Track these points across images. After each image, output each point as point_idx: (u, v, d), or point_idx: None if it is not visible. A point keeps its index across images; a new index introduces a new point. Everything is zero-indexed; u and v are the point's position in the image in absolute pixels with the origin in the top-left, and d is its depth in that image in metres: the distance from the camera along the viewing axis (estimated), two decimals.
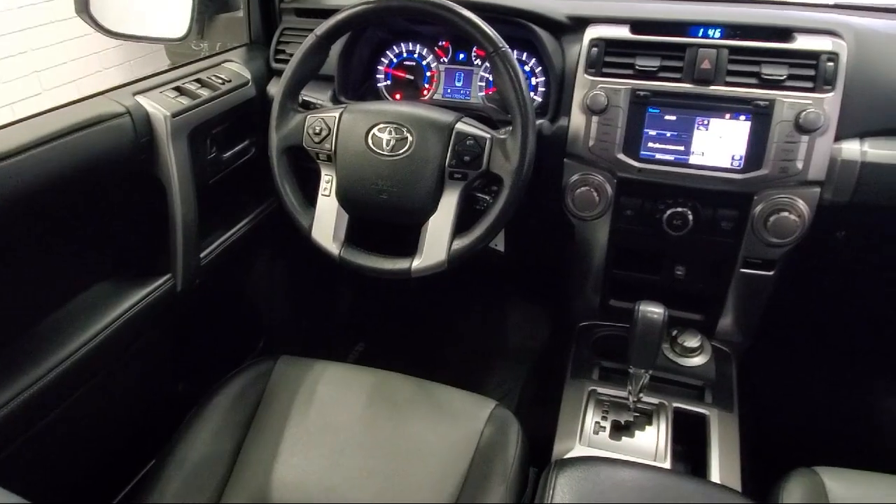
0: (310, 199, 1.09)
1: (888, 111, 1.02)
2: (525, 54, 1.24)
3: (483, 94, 1.29)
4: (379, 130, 1.02)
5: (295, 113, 1.08)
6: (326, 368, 1.11)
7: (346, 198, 1.05)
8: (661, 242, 1.16)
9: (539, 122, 1.10)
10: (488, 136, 0.99)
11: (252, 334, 1.54)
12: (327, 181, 1.06)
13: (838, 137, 1.01)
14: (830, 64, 1.00)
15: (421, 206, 1.01)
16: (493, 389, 1.64)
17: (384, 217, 1.05)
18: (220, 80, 1.23)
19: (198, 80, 1.20)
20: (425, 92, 1.33)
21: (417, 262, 1.01)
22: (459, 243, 1.00)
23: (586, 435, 1.04)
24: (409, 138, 1.01)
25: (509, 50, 0.96)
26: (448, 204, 1.01)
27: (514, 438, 0.97)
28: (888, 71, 1.03)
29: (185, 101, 1.12)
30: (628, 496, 0.72)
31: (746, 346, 1.26)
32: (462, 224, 1.02)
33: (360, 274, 1.05)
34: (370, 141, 1.02)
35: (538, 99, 1.24)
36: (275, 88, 1.27)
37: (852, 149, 1.01)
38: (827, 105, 0.99)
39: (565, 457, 1.02)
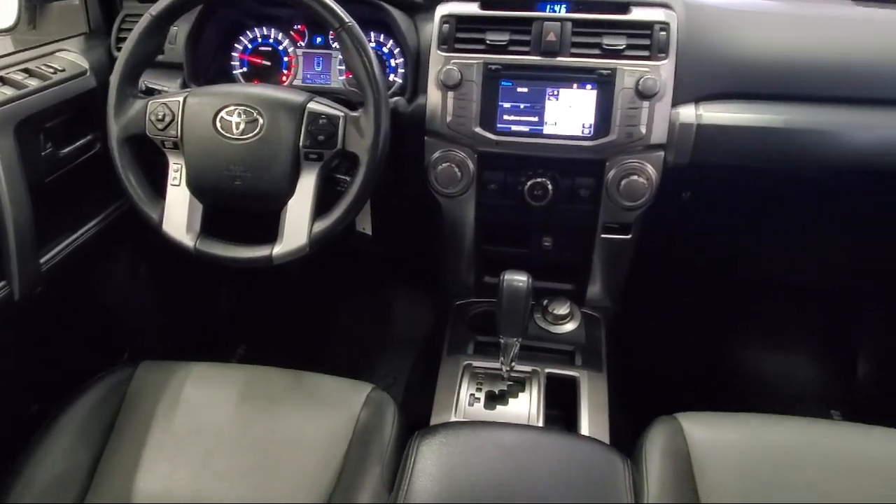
0: (160, 190, 1.02)
1: (717, 77, 1.10)
2: (382, 36, 1.23)
3: (343, 77, 1.27)
4: (227, 114, 0.97)
5: (135, 99, 1.01)
6: (192, 370, 1.05)
7: (197, 186, 1.00)
8: (525, 214, 1.18)
9: (395, 99, 1.10)
10: (341, 114, 0.97)
11: (115, 344, 1.43)
12: (176, 170, 1.00)
13: (675, 103, 1.08)
14: (663, 33, 1.06)
15: (277, 190, 0.98)
16: (381, 378, 1.62)
17: (240, 204, 1.01)
18: (51, 70, 1.13)
19: (25, 70, 1.10)
20: (284, 78, 1.29)
21: (278, 249, 0.98)
22: (320, 226, 0.98)
23: (461, 407, 1.04)
24: (260, 120, 0.97)
25: (356, 25, 0.95)
26: (306, 186, 0.98)
27: (390, 419, 0.96)
28: (715, 40, 1.11)
29: (8, 92, 1.02)
30: (489, 454, 0.73)
31: (615, 311, 1.32)
32: (323, 206, 1.00)
33: (227, 269, 1.00)
34: (218, 125, 0.97)
35: (398, 80, 1.23)
36: None
37: (688, 113, 1.08)
38: (663, 72, 1.05)
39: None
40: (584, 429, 1.02)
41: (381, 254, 1.79)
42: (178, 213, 1.00)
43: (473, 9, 1.11)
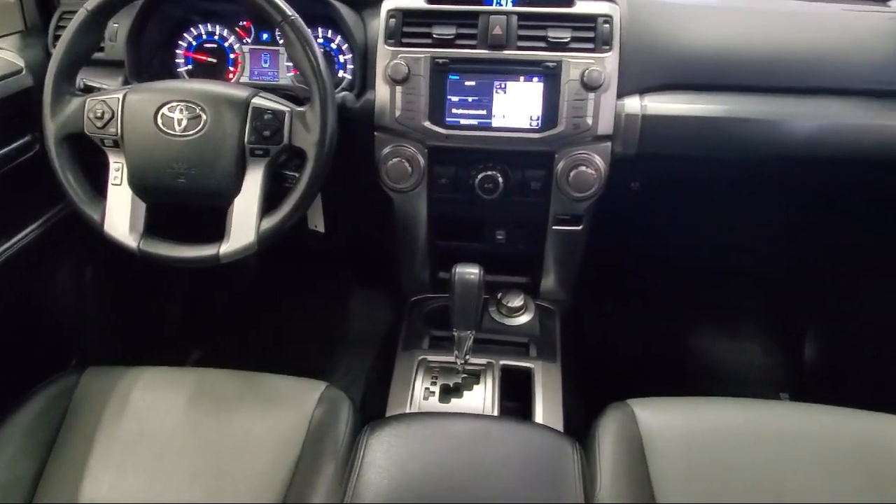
0: (101, 190, 1.00)
1: (661, 69, 1.12)
2: (329, 31, 1.22)
3: (291, 74, 1.26)
4: (169, 110, 0.95)
5: (73, 97, 0.98)
6: (141, 375, 1.02)
7: (139, 185, 0.97)
8: (477, 208, 1.19)
9: (342, 94, 1.09)
10: (287, 109, 0.96)
11: (63, 350, 1.39)
12: (117, 169, 0.98)
13: (621, 94, 1.10)
14: (606, 26, 1.07)
15: (223, 187, 0.96)
16: (339, 377, 1.61)
17: (185, 202, 0.99)
18: None
19: None
20: (231, 75, 1.27)
21: (225, 247, 0.96)
22: (268, 223, 0.96)
23: (416, 401, 1.04)
24: (203, 117, 0.95)
25: (299, 18, 0.93)
26: (252, 183, 0.96)
27: (344, 416, 0.95)
28: (657, 33, 1.13)
29: None
30: (439, 444, 0.72)
31: (569, 302, 1.34)
32: (272, 203, 0.98)
33: (177, 270, 0.98)
34: (160, 122, 0.95)
35: (347, 76, 1.22)
36: None
37: (633, 104, 1.10)
38: (607, 64, 1.07)
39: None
40: (539, 418, 1.03)
41: (337, 252, 1.78)
42: (119, 214, 0.98)
43: (420, 3, 1.11)
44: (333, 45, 1.23)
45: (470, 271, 1.01)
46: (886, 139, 1.11)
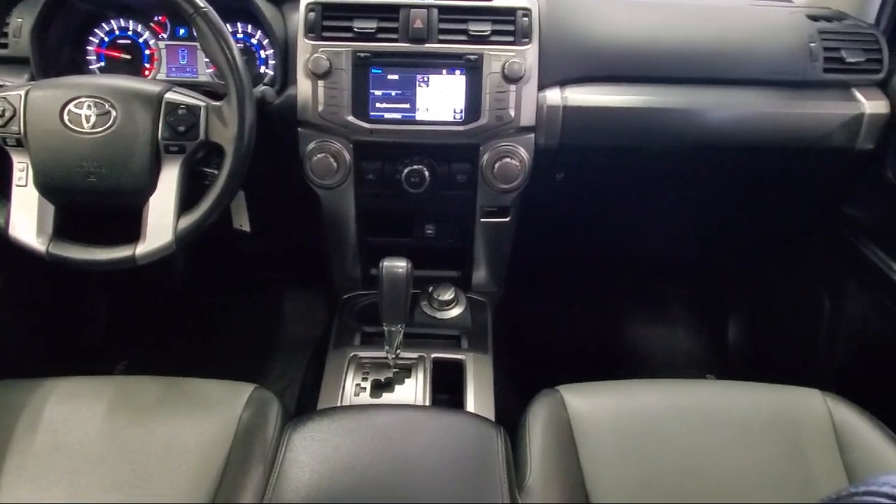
0: (5, 192, 0.95)
1: (580, 61, 1.15)
2: (249, 26, 1.20)
3: (211, 70, 1.22)
4: (76, 106, 0.91)
5: None
6: (57, 386, 0.97)
7: (47, 186, 0.93)
8: (405, 203, 1.19)
9: (262, 88, 1.07)
10: (202, 103, 0.93)
11: None
12: (21, 169, 0.93)
13: (542, 86, 1.12)
14: (525, 19, 1.09)
15: (137, 186, 0.93)
16: (274, 382, 1.58)
17: (97, 202, 0.95)
18: None
19: None
20: (147, 72, 1.23)
21: (142, 248, 0.93)
22: (186, 221, 0.93)
23: (347, 398, 1.03)
24: (113, 113, 0.92)
25: (212, 10, 0.91)
26: (168, 180, 0.93)
27: (273, 416, 0.93)
28: (576, 25, 1.15)
29: None
30: (362, 435, 0.72)
31: (501, 294, 1.35)
32: (190, 202, 0.96)
33: (98, 275, 0.94)
34: (66, 118, 0.91)
35: (269, 72, 1.20)
36: None
37: (554, 96, 1.12)
38: (527, 56, 1.09)
39: None
40: (470, 408, 1.03)
41: (270, 253, 1.74)
42: (25, 216, 0.93)
43: None
44: (254, 41, 1.20)
45: (397, 265, 1.00)
46: (793, 126, 1.17)
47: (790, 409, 0.94)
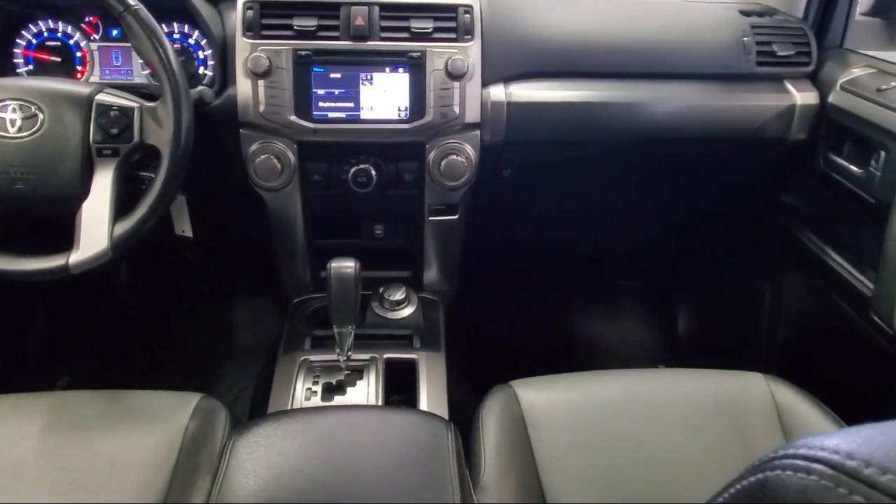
0: None
1: (523, 57, 1.15)
2: (186, 26, 1.16)
3: (147, 71, 1.18)
4: (0, 110, 0.87)
5: None
6: None
7: None
8: (353, 203, 1.17)
9: (199, 88, 1.04)
10: (136, 105, 0.90)
11: None
12: None
13: (486, 83, 1.12)
14: (467, 16, 1.09)
15: (68, 192, 0.89)
16: (225, 392, 1.54)
17: (26, 210, 0.91)
18: None
19: None
20: (79, 75, 1.18)
21: (76, 256, 0.89)
22: (122, 227, 0.90)
23: (297, 402, 1.01)
24: (40, 116, 0.88)
25: (143, 8, 0.88)
26: (102, 185, 0.90)
27: (221, 426, 0.90)
28: (518, 22, 1.16)
29: None
30: (309, 438, 0.70)
31: (453, 292, 1.35)
32: (127, 207, 0.92)
33: (32, 286, 0.89)
34: None
35: (209, 72, 1.17)
36: None
37: (498, 92, 1.12)
38: (470, 53, 1.09)
39: None
40: (423, 406, 1.02)
41: (217, 259, 1.70)
42: None
43: None
44: (191, 41, 1.17)
45: (345, 265, 0.99)
46: (729, 118, 1.21)
47: (735, 394, 0.96)
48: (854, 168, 1.11)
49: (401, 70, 1.08)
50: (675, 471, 0.86)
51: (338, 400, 1.01)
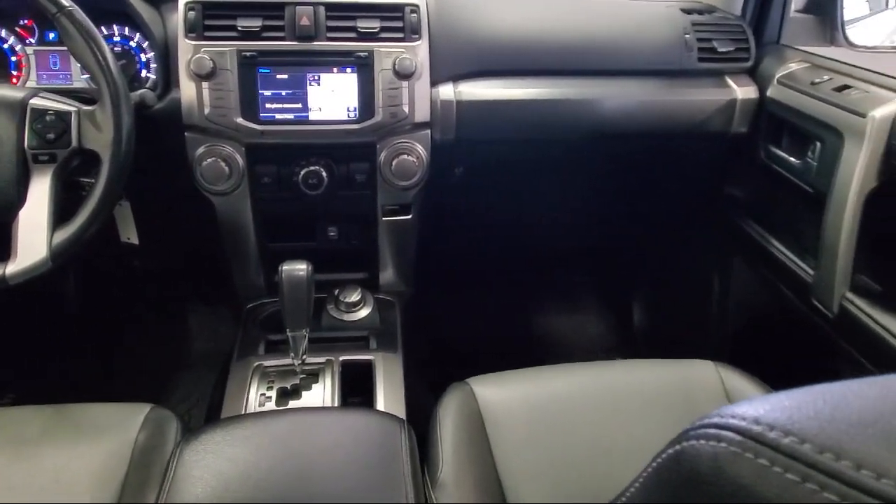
0: None
1: (471, 56, 1.16)
2: (127, 29, 1.13)
3: (87, 75, 1.15)
4: None
5: None
6: None
7: None
8: (305, 205, 1.16)
9: (140, 91, 1.02)
10: (73, 108, 0.87)
11: None
12: None
13: (434, 82, 1.12)
14: (414, 15, 1.09)
15: (3, 200, 0.85)
16: (179, 402, 1.50)
17: None
18: None
19: None
20: (15, 80, 1.14)
21: (13, 267, 0.86)
22: (62, 236, 0.87)
23: (251, 408, 0.99)
24: None
25: (78, 9, 0.85)
26: (39, 192, 0.87)
27: (172, 436, 0.88)
28: (465, 21, 1.17)
29: None
30: (259, 443, 0.69)
31: (409, 292, 1.34)
32: (67, 214, 0.89)
33: None
34: None
35: (152, 76, 1.14)
36: None
37: (447, 91, 1.13)
38: (418, 52, 1.09)
39: None
40: (381, 407, 1.02)
41: (168, 267, 1.66)
42: None
43: None
44: (133, 44, 1.14)
45: (297, 268, 0.98)
46: (674, 113, 1.23)
47: (687, 382, 0.98)
48: (792, 159, 1.15)
49: (348, 70, 1.07)
50: (630, 459, 0.87)
51: (293, 404, 0.99)
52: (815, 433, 0.24)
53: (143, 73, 1.14)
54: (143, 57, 1.14)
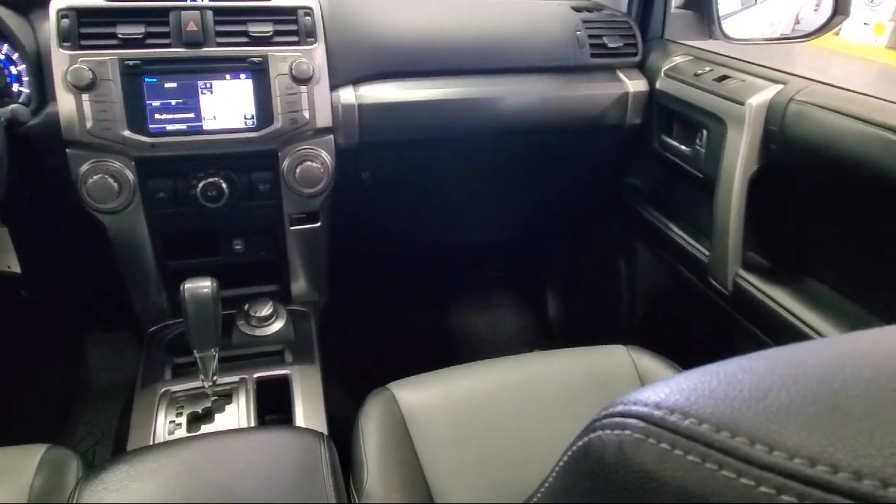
0: None
1: (370, 59, 1.15)
2: None
3: None
4: None
5: None
6: None
7: None
8: (206, 219, 1.11)
9: (11, 107, 0.94)
10: None
11: None
12: None
13: (334, 86, 1.10)
14: (308, 18, 1.06)
15: None
16: (83, 439, 1.40)
17: None
18: None
19: None
20: None
21: None
22: None
23: (159, 438, 0.94)
24: None
25: None
26: None
27: (73, 477, 0.81)
28: (362, 24, 1.15)
29: None
30: (166, 475, 0.65)
31: (324, 302, 1.31)
32: None
33: None
34: None
35: (25, 90, 1.05)
36: None
37: (348, 95, 1.11)
38: (315, 56, 1.06)
39: None
40: (300, 422, 0.99)
41: (61, 295, 1.54)
42: None
43: (98, 0, 0.99)
44: (1, 56, 1.05)
45: (200, 285, 0.93)
46: (572, 108, 1.27)
47: (602, 367, 1.01)
48: (683, 147, 1.21)
49: (243, 76, 1.03)
50: (551, 448, 0.89)
51: (205, 429, 0.94)
52: (711, 412, 0.24)
53: (15, 86, 1.05)
54: (13, 70, 1.05)
